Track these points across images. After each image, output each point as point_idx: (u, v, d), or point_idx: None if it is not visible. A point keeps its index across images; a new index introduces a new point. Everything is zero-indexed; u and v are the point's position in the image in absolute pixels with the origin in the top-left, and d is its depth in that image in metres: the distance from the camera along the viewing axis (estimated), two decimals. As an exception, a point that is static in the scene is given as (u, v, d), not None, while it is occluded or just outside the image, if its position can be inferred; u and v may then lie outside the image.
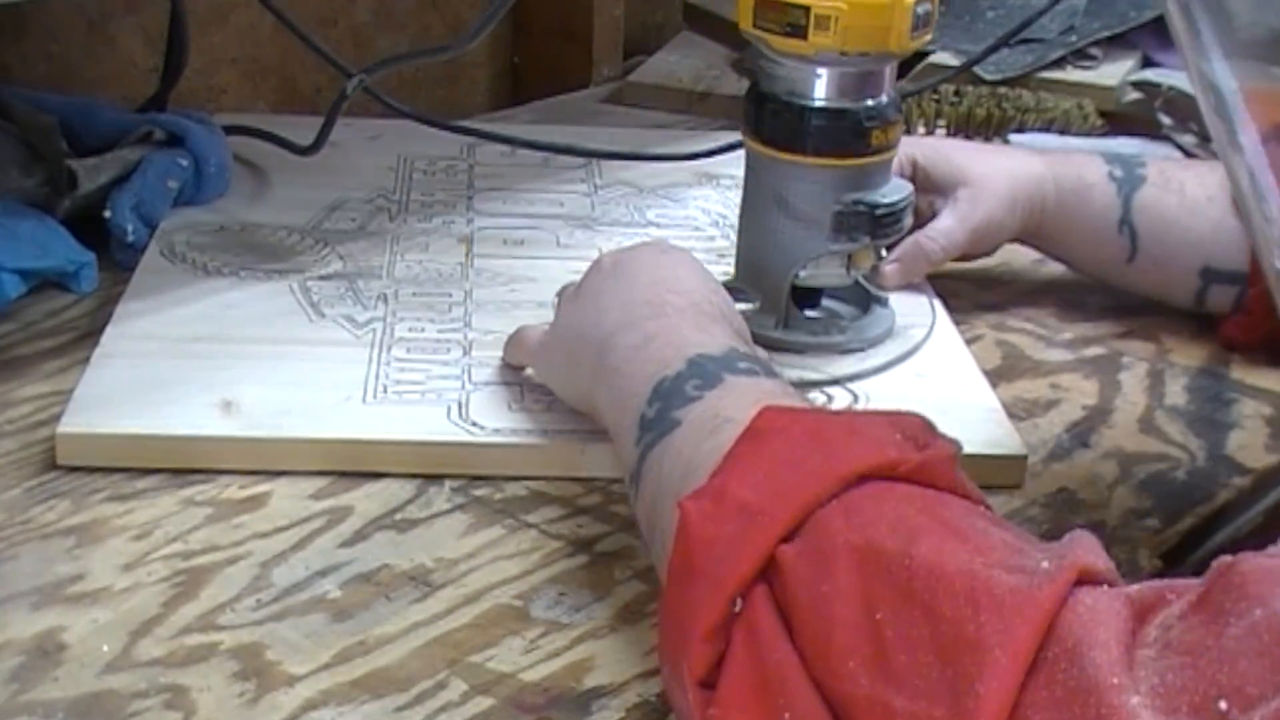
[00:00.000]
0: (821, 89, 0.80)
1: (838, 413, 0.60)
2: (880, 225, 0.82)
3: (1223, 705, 0.41)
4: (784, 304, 0.84)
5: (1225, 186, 0.90)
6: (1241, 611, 0.43)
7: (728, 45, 1.38)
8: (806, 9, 0.77)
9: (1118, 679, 0.43)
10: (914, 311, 0.89)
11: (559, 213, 1.02)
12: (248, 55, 1.23)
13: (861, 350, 0.85)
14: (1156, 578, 0.70)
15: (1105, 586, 0.47)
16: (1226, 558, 0.45)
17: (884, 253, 0.90)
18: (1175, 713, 0.42)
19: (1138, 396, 0.86)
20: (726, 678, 0.51)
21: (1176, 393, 0.87)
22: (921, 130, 1.22)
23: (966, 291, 0.96)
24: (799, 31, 0.77)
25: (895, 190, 0.83)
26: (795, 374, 0.80)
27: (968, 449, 0.70)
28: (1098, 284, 0.96)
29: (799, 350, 0.83)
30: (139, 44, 1.15)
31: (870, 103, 0.80)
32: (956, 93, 1.23)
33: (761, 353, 0.71)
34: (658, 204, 1.05)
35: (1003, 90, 1.24)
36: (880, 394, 0.81)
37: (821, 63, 0.79)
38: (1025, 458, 0.77)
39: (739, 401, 0.59)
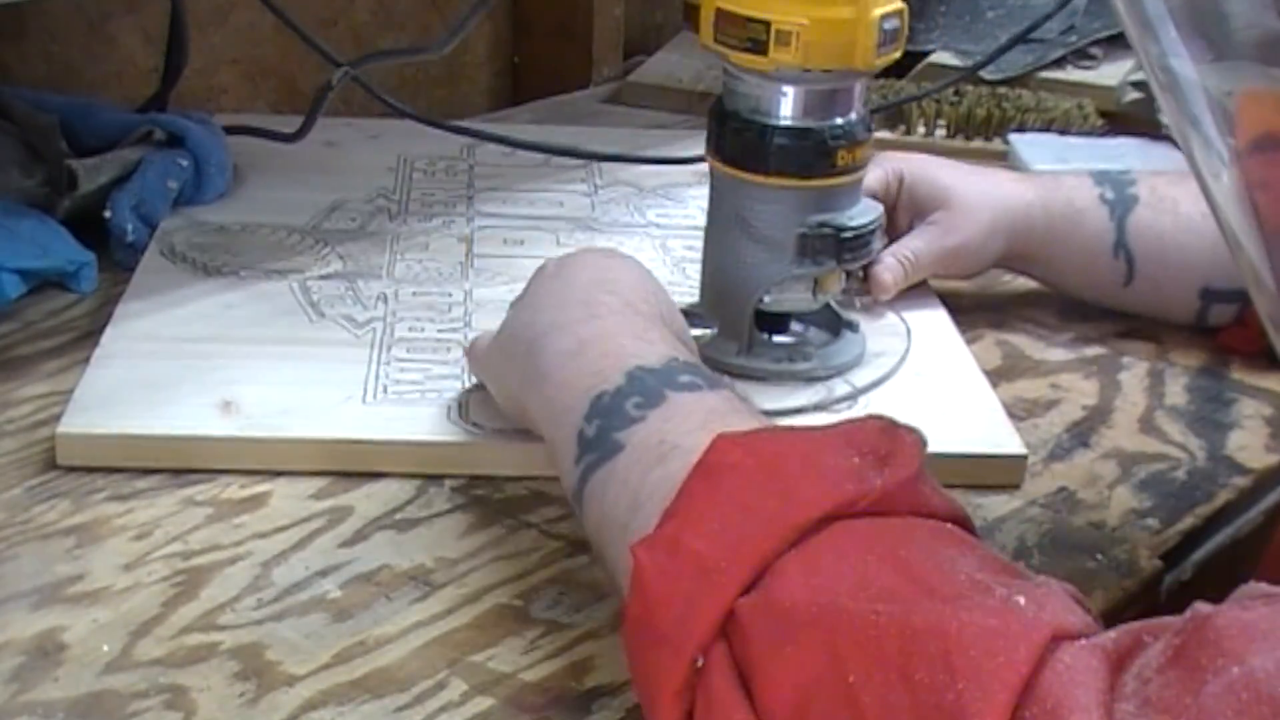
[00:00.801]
0: (785, 107, 0.76)
1: (793, 433, 0.57)
2: (846, 248, 0.78)
3: None
4: (747, 330, 0.81)
5: None
6: (1219, 669, 0.42)
7: (728, 45, 1.38)
8: (767, 24, 0.73)
9: None
10: (887, 336, 0.86)
11: (559, 213, 1.02)
12: (248, 55, 1.23)
13: (827, 379, 0.81)
14: (1156, 578, 0.71)
15: (1081, 640, 0.46)
16: (1202, 607, 0.44)
17: (858, 274, 0.87)
18: None
19: (1138, 396, 0.86)
20: None
21: (1176, 393, 0.87)
22: (921, 130, 1.22)
23: (966, 291, 0.96)
24: (759, 47, 0.74)
25: (863, 212, 0.79)
26: (758, 403, 0.75)
27: (968, 449, 0.70)
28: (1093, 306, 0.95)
29: (761, 378, 0.80)
30: (139, 44, 1.15)
31: (837, 122, 0.76)
32: (957, 93, 1.23)
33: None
34: (658, 204, 1.05)
35: (1003, 90, 1.24)
36: (880, 394, 0.81)
37: (784, 80, 0.76)
38: (1025, 458, 0.77)
39: (684, 424, 0.57)
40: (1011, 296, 0.97)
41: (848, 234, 0.78)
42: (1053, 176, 0.95)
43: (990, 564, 0.50)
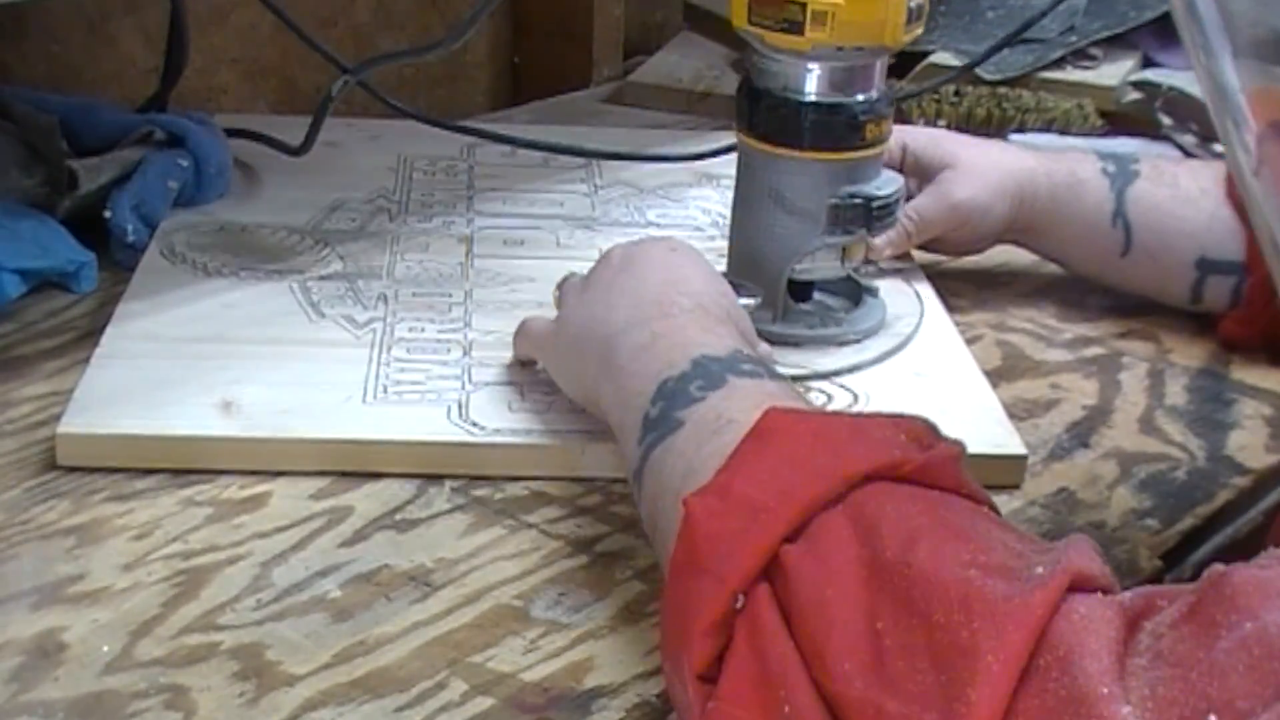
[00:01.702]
0: (815, 84, 0.80)
1: (841, 414, 0.60)
2: (874, 217, 0.82)
3: (1212, 718, 0.42)
4: (781, 298, 0.84)
5: (1219, 180, 0.90)
6: (1232, 624, 0.43)
7: (728, 45, 1.38)
8: (803, 5, 0.77)
9: (1108, 689, 0.43)
10: (902, 304, 0.90)
11: (559, 213, 1.02)
12: (248, 55, 1.23)
13: (858, 342, 0.85)
14: (1156, 578, 0.71)
15: (1099, 593, 0.47)
16: (1219, 566, 0.45)
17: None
18: None
19: (1138, 396, 0.86)
20: (728, 672, 0.52)
21: (1176, 393, 0.87)
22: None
23: (967, 291, 0.96)
24: (795, 28, 0.78)
25: (888, 183, 0.84)
26: (792, 370, 0.80)
27: (968, 450, 0.70)
28: (1093, 282, 0.96)
29: (796, 344, 0.84)
30: (139, 44, 1.15)
31: (863, 97, 0.81)
32: (956, 93, 1.23)
33: (765, 347, 0.72)
34: (658, 204, 1.05)
35: (1003, 90, 1.24)
36: (880, 394, 0.81)
37: (816, 58, 0.79)
38: (1025, 458, 0.77)
39: (742, 403, 0.59)
40: (1012, 296, 0.97)
41: (876, 203, 0.82)
42: (1056, 150, 0.97)
43: (1025, 538, 0.52)
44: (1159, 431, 0.83)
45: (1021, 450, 0.77)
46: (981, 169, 0.92)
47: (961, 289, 0.96)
